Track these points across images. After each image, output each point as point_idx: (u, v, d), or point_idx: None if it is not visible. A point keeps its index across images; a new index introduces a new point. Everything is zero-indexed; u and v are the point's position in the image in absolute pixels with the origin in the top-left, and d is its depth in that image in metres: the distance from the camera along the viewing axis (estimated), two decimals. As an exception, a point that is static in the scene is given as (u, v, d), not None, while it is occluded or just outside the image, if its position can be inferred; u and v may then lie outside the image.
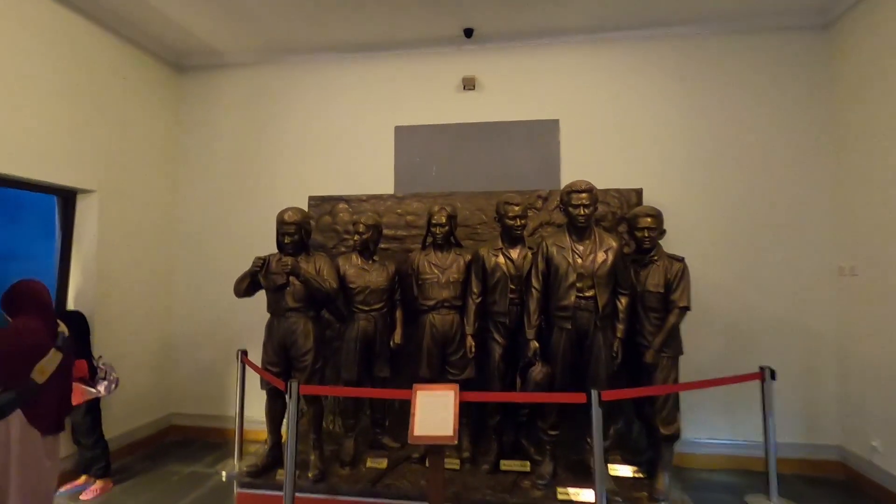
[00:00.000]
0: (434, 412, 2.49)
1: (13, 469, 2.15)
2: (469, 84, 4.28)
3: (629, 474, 3.11)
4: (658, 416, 2.93)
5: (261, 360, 3.17)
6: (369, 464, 3.20)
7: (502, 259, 3.15)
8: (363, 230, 3.35)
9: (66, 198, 3.77)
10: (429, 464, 2.63)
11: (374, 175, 4.36)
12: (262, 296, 3.22)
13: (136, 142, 4.23)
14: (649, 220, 3.05)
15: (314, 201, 4.10)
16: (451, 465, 3.11)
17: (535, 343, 2.92)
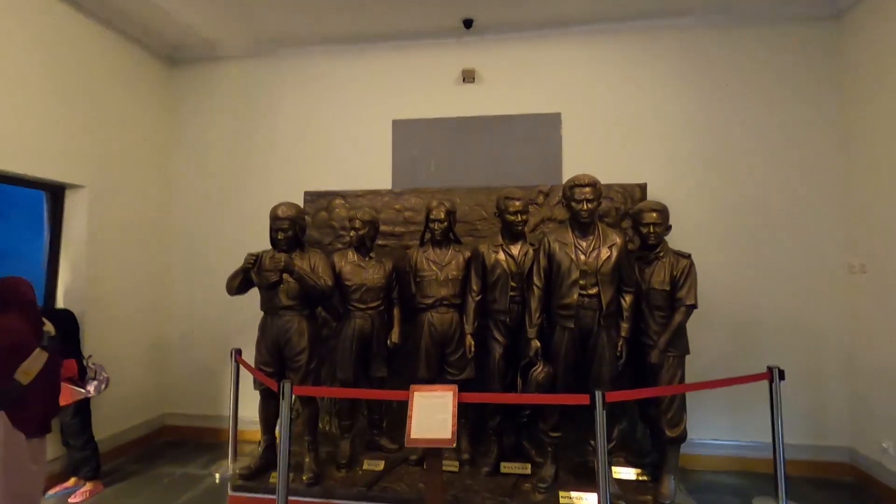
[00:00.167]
0: (432, 414, 2.44)
1: (-3, 473, 2.07)
2: (469, 76, 4.18)
3: (633, 477, 3.05)
4: (663, 417, 2.86)
5: (254, 359, 3.09)
6: (366, 466, 3.15)
7: (503, 256, 3.07)
8: (359, 226, 3.28)
9: (55, 193, 3.68)
10: (427, 466, 2.57)
11: (371, 170, 4.27)
12: (257, 293, 3.14)
13: (126, 135, 4.13)
14: (654, 215, 2.96)
15: (310, 197, 4.01)
16: (450, 467, 3.07)
17: (536, 342, 2.84)
